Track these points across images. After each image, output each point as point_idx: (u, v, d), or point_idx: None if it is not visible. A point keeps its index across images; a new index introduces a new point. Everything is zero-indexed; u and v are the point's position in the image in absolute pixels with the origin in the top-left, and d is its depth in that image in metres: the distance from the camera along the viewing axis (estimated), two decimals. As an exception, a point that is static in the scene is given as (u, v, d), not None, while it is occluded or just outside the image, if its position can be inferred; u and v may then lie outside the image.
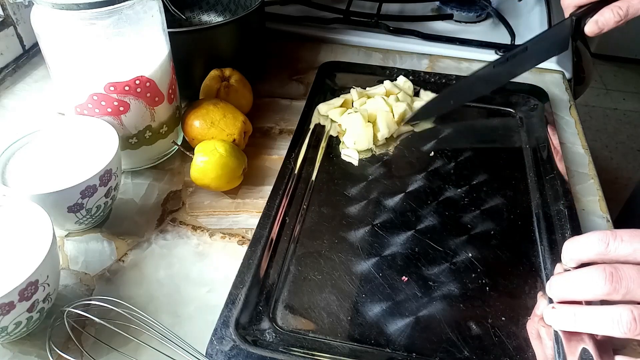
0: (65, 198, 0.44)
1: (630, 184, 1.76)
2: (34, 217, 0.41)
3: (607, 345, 0.37)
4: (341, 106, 0.63)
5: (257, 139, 0.61)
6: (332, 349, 0.40)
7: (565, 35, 0.51)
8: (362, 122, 0.58)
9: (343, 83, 0.68)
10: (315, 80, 0.68)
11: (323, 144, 0.59)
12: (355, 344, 0.41)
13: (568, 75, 0.73)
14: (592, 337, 0.37)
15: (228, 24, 0.61)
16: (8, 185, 0.44)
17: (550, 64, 0.73)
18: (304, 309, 0.43)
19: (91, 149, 0.48)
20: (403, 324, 0.42)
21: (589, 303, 0.36)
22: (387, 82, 0.65)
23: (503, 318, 0.42)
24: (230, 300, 0.43)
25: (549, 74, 0.72)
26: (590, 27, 0.47)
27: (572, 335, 0.37)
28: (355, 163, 0.57)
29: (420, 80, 0.68)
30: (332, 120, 0.62)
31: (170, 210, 0.52)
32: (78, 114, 0.51)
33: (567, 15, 0.49)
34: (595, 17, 0.46)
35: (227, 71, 0.61)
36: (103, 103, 0.49)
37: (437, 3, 0.86)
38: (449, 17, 0.82)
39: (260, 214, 0.50)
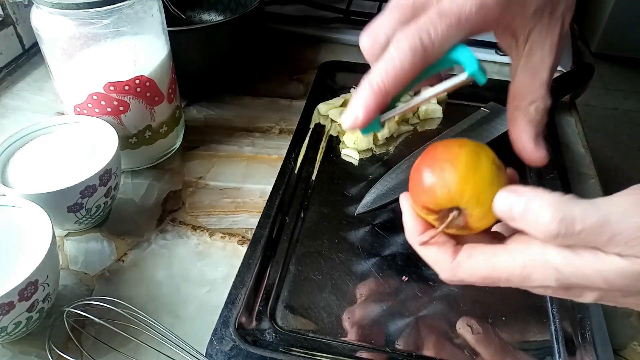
0: (65, 198, 0.44)
1: (631, 184, 1.76)
2: (33, 217, 0.41)
3: None
4: (341, 106, 0.62)
5: (257, 139, 0.61)
6: (332, 349, 0.40)
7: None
8: (362, 122, 0.58)
9: (343, 83, 0.68)
10: (315, 80, 0.68)
11: (323, 144, 0.59)
12: (355, 344, 0.41)
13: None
14: None
15: (227, 23, 0.61)
16: (8, 185, 0.44)
17: (551, 63, 0.73)
18: (304, 309, 0.43)
19: (91, 149, 0.48)
20: (403, 324, 0.42)
21: None
22: (387, 82, 0.64)
23: (503, 318, 0.42)
24: (230, 300, 0.42)
25: (549, 74, 0.72)
26: None
27: None
28: (355, 163, 0.57)
29: (420, 80, 0.68)
30: (332, 120, 0.62)
31: (170, 210, 0.52)
32: (78, 114, 0.51)
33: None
34: None
35: None
36: (103, 103, 0.49)
37: (437, 3, 0.86)
38: (449, 16, 0.82)
39: (260, 214, 0.50)
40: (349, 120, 0.30)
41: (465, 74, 0.29)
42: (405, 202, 0.33)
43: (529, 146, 0.32)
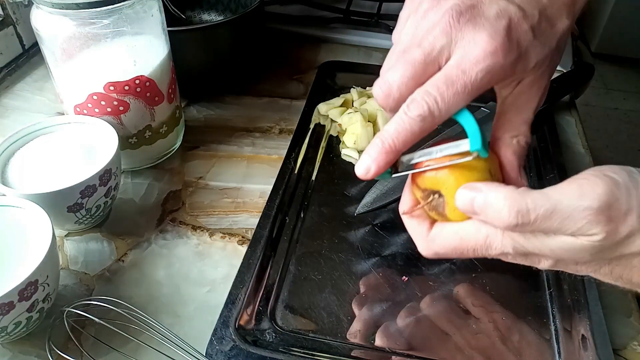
0: (65, 198, 0.44)
1: (631, 183, 1.75)
2: (33, 217, 0.41)
3: None
4: (341, 106, 0.62)
5: (257, 139, 0.61)
6: (332, 349, 0.40)
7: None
8: (362, 122, 0.58)
9: (343, 83, 0.68)
10: (315, 80, 0.68)
11: (323, 144, 0.59)
12: (355, 344, 0.41)
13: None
14: None
15: (227, 23, 0.61)
16: (8, 185, 0.44)
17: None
18: (304, 309, 0.43)
19: (91, 149, 0.48)
20: (403, 324, 0.42)
21: None
22: (387, 82, 0.64)
23: (503, 318, 0.42)
24: (230, 300, 0.42)
25: (549, 74, 0.72)
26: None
27: None
28: (355, 163, 0.57)
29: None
30: (332, 120, 0.62)
31: (170, 210, 0.52)
32: (78, 114, 0.51)
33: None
34: None
35: None
36: (103, 103, 0.49)
37: (437, 3, 0.86)
38: (449, 16, 0.82)
39: (260, 214, 0.50)
40: (362, 170, 0.34)
41: (468, 148, 0.31)
42: (410, 179, 0.37)
43: (512, 176, 0.34)
